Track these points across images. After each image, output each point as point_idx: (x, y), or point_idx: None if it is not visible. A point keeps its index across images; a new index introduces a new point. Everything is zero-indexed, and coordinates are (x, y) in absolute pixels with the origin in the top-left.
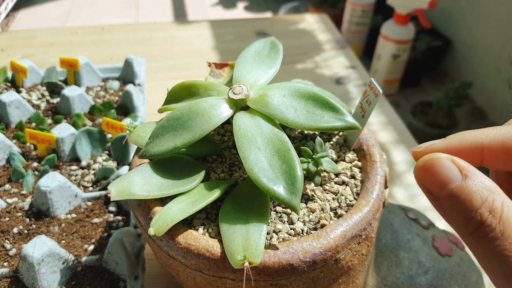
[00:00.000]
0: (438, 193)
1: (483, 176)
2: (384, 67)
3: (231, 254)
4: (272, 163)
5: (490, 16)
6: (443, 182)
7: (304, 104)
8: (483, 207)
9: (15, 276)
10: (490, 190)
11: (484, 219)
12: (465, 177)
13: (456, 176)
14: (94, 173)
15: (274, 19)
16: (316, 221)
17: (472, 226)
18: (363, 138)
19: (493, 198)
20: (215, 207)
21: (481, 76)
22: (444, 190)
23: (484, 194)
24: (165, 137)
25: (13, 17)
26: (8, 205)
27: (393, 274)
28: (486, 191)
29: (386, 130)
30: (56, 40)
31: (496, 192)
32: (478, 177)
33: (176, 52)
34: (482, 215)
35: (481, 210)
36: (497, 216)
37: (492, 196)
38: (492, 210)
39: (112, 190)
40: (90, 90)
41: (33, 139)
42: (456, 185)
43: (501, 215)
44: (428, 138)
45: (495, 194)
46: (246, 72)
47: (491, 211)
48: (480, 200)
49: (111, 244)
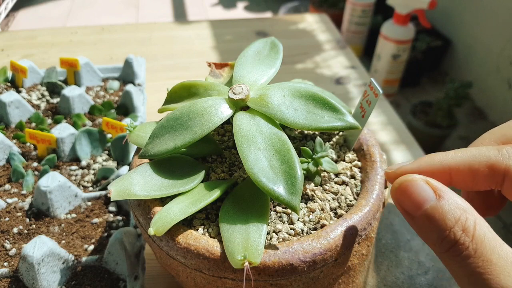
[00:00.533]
0: (414, 212)
1: (456, 196)
2: (384, 67)
3: (231, 254)
4: (272, 163)
5: (490, 16)
6: (418, 202)
7: (304, 104)
8: (456, 226)
9: (15, 276)
10: (463, 209)
11: (458, 237)
12: (439, 197)
13: (430, 196)
14: (94, 173)
15: (274, 19)
16: (316, 221)
17: (447, 245)
18: (363, 138)
19: (465, 217)
20: (215, 207)
21: (481, 76)
22: (419, 210)
23: (457, 213)
24: (165, 137)
25: (13, 17)
26: (8, 205)
27: (393, 274)
28: (459, 211)
29: (386, 130)
30: (56, 40)
31: (469, 211)
32: (452, 197)
33: (176, 52)
34: (455, 234)
35: (455, 229)
36: (470, 235)
37: (465, 215)
38: (465, 229)
39: (112, 190)
40: (90, 90)
41: (33, 139)
42: (431, 205)
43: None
44: (428, 138)
45: (467, 213)
46: (246, 72)
47: (464, 229)
48: (453, 219)
49: (111, 244)
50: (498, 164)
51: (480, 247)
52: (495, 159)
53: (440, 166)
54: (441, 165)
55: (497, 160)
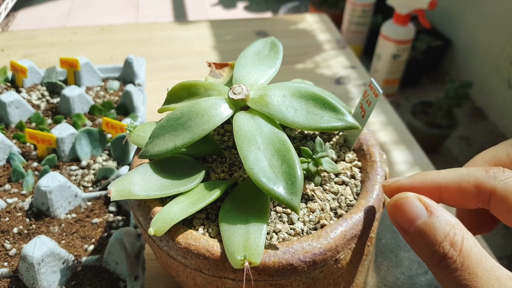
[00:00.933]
0: (408, 228)
1: (446, 213)
2: (384, 67)
3: (231, 254)
4: (272, 163)
5: (490, 16)
6: (411, 219)
7: (304, 104)
8: (445, 240)
9: (15, 276)
10: (452, 225)
11: (446, 252)
12: (430, 214)
13: (422, 213)
14: (94, 173)
15: (274, 19)
16: (316, 221)
17: (436, 259)
18: (363, 138)
19: (454, 232)
20: (215, 207)
21: (481, 76)
22: (412, 225)
23: (446, 229)
24: (165, 137)
25: (13, 17)
26: (8, 205)
27: (393, 274)
28: (448, 226)
29: (386, 130)
30: (56, 40)
31: (457, 227)
32: (442, 214)
33: (176, 52)
34: (444, 248)
35: (443, 244)
36: (457, 249)
37: (453, 230)
38: (453, 243)
39: (112, 190)
40: (90, 90)
41: (33, 139)
42: (422, 221)
43: (461, 248)
44: (428, 138)
45: (456, 229)
46: (246, 72)
47: (452, 244)
48: (443, 234)
49: (111, 244)
50: (484, 184)
51: (466, 261)
52: (482, 179)
53: (431, 183)
54: (432, 182)
55: (484, 180)
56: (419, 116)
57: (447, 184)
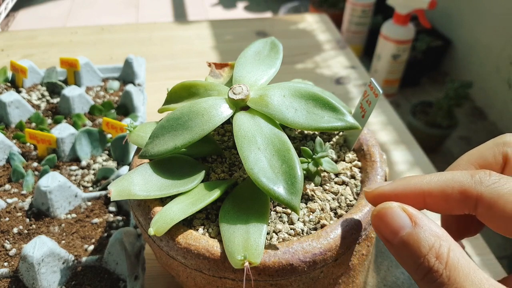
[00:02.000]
0: (391, 239)
1: (432, 223)
2: (384, 67)
3: (231, 254)
4: (272, 163)
5: (490, 16)
6: (395, 229)
7: (304, 104)
8: (430, 253)
9: (15, 276)
10: (437, 236)
11: (432, 265)
12: (414, 224)
13: (406, 224)
14: (94, 173)
15: (274, 19)
16: (316, 221)
17: (422, 272)
18: (363, 138)
19: (439, 243)
20: (215, 207)
21: (481, 76)
22: (396, 237)
23: (431, 240)
24: (165, 137)
25: (13, 17)
26: (8, 205)
27: (393, 274)
28: (433, 238)
29: (386, 130)
30: (56, 40)
31: (443, 238)
32: (427, 224)
33: (176, 52)
34: (429, 261)
35: (428, 256)
36: (443, 262)
37: (438, 241)
38: (438, 256)
39: (112, 190)
40: (90, 90)
41: (33, 139)
42: (407, 232)
43: (447, 261)
44: (428, 138)
45: (441, 240)
46: (246, 72)
47: (438, 256)
48: (427, 246)
49: (111, 244)
50: (470, 190)
51: (453, 274)
52: (468, 185)
53: (414, 190)
54: (415, 188)
55: (469, 186)
56: (419, 116)
57: (430, 190)
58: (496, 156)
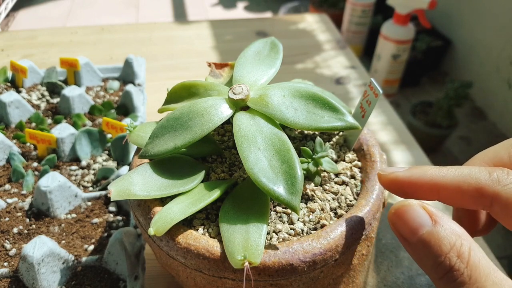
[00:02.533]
0: (410, 238)
1: (452, 222)
2: (384, 67)
3: (231, 254)
4: (272, 163)
5: (490, 16)
6: (414, 228)
7: (304, 104)
8: (452, 252)
9: (15, 276)
10: (458, 235)
11: (453, 264)
12: (435, 223)
13: (427, 222)
14: (94, 173)
15: (274, 19)
16: (316, 221)
17: (442, 271)
18: (363, 138)
19: (460, 243)
20: (215, 207)
21: (481, 76)
22: (415, 235)
23: (452, 239)
24: (165, 137)
25: (13, 17)
26: (8, 205)
27: (393, 274)
28: (454, 236)
29: (386, 130)
30: (56, 40)
31: (464, 237)
32: (447, 223)
33: (176, 52)
34: (450, 260)
35: (450, 255)
36: (465, 261)
37: (460, 241)
38: (460, 255)
39: (112, 190)
40: (90, 90)
41: (33, 139)
42: (427, 230)
43: (469, 260)
44: (428, 138)
45: (462, 239)
46: (246, 72)
47: (459, 255)
48: (449, 245)
49: (111, 244)
50: (487, 188)
51: (474, 274)
52: (485, 183)
53: (430, 180)
54: (431, 180)
55: (486, 184)
56: (419, 116)
57: (446, 184)
58: (511, 155)
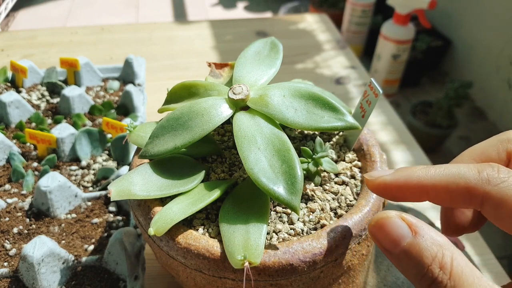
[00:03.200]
0: (392, 250)
1: (432, 230)
2: (384, 67)
3: (231, 254)
4: (272, 163)
5: (490, 16)
6: (395, 240)
7: (304, 104)
8: (434, 263)
9: (15, 276)
10: (439, 245)
11: (435, 275)
12: (414, 233)
13: (407, 233)
14: (94, 173)
15: (274, 19)
16: (316, 221)
17: (425, 282)
18: (363, 138)
19: (442, 253)
20: (215, 207)
21: (481, 76)
22: (397, 247)
23: (433, 250)
24: (165, 137)
25: (13, 17)
26: (8, 205)
27: (393, 274)
28: (435, 247)
29: (386, 130)
30: (56, 40)
31: (446, 247)
32: (427, 232)
33: (176, 52)
34: (433, 272)
35: (432, 267)
36: (447, 272)
37: (441, 251)
38: (442, 266)
39: (112, 190)
40: (90, 90)
41: (33, 139)
42: (407, 242)
43: (451, 270)
44: (428, 138)
45: (444, 249)
46: (246, 72)
47: (441, 267)
48: (430, 256)
49: (111, 244)
50: (477, 188)
51: (458, 284)
52: (474, 182)
53: (417, 182)
54: (418, 181)
55: (476, 184)
56: (419, 116)
57: (434, 185)
58: (499, 153)
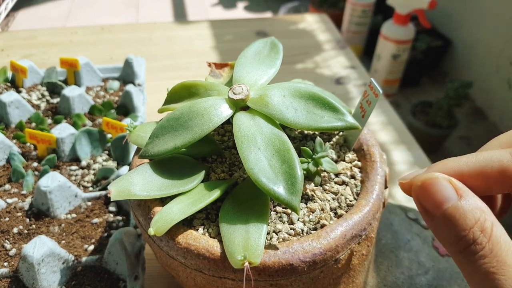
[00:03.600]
0: (434, 211)
1: (476, 197)
2: (384, 67)
3: (231, 254)
4: (272, 163)
5: (490, 16)
6: (439, 201)
7: (304, 104)
8: (476, 226)
9: (15, 276)
10: (482, 210)
11: (476, 237)
12: (460, 197)
13: (452, 196)
14: (94, 173)
15: (274, 19)
16: (316, 221)
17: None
18: (363, 138)
19: (484, 218)
20: (215, 207)
21: (481, 76)
22: (440, 208)
23: (477, 214)
24: (165, 137)
25: (13, 17)
26: (8, 205)
27: (393, 274)
28: (478, 211)
29: (386, 130)
30: (56, 40)
31: (487, 213)
32: (472, 198)
33: (176, 52)
34: (474, 233)
35: (474, 229)
36: (487, 235)
37: (483, 216)
38: (483, 230)
39: (112, 190)
40: (90, 90)
41: (33, 139)
42: (452, 204)
43: (491, 235)
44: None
45: (486, 215)
46: (246, 72)
47: (482, 230)
48: (473, 219)
49: (111, 244)
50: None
51: (495, 248)
52: (508, 163)
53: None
54: (453, 171)
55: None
56: (419, 116)
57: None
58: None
